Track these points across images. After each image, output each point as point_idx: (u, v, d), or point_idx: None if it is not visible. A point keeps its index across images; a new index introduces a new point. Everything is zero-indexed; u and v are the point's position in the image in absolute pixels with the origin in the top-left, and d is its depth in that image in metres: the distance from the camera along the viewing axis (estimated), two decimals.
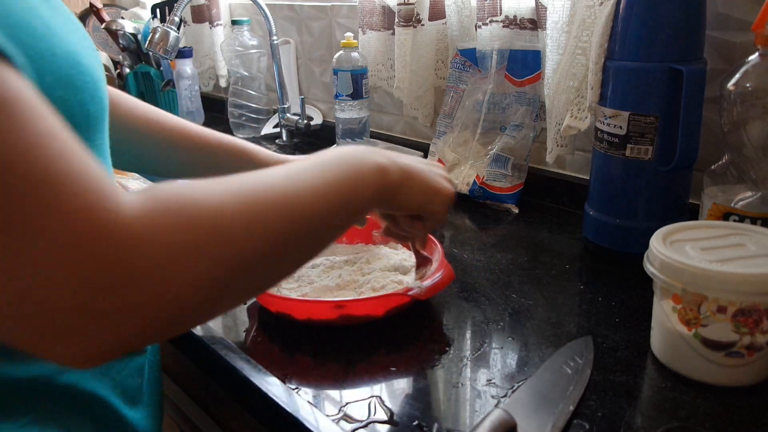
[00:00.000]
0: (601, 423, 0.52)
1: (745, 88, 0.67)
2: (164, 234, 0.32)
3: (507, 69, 1.04)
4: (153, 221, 0.32)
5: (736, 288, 0.53)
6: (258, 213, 0.37)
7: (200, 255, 0.33)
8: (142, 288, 0.31)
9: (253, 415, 0.62)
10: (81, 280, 0.29)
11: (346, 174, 0.46)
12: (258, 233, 0.37)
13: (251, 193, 0.38)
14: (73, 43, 0.42)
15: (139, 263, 0.31)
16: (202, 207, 0.34)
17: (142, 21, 1.78)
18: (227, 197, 0.36)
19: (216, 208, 0.35)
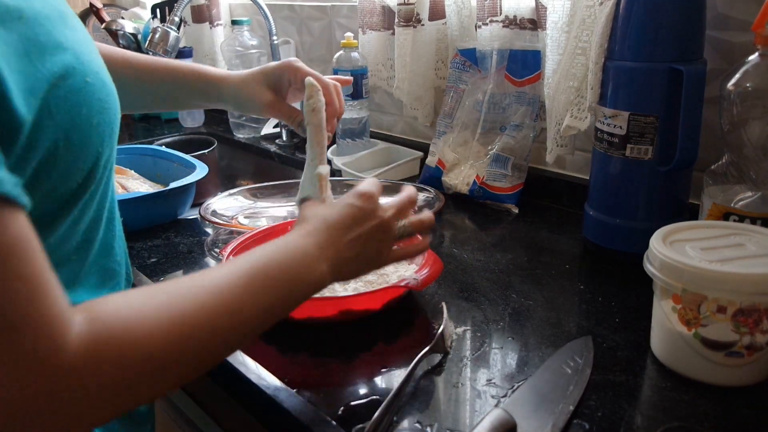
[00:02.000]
0: (600, 423, 0.52)
1: (745, 88, 0.67)
2: (97, 375, 0.36)
3: (507, 69, 1.04)
4: (88, 363, 0.35)
5: (736, 288, 0.53)
6: (188, 345, 0.40)
7: (129, 391, 0.38)
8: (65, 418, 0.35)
9: (253, 415, 0.62)
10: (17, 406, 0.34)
11: (284, 291, 0.48)
12: (187, 361, 0.41)
13: (183, 321, 0.40)
14: (96, 63, 0.45)
15: (69, 396, 0.35)
16: (137, 348, 0.37)
17: (142, 21, 1.78)
18: (159, 330, 0.39)
19: (148, 349, 0.38)
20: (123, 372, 0.37)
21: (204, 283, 0.43)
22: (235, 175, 1.39)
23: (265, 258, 0.48)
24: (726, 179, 0.71)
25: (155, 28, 1.26)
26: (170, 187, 0.97)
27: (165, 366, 0.39)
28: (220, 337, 0.42)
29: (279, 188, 1.08)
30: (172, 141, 1.54)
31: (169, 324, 0.39)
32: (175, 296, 0.41)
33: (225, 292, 0.43)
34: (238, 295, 0.44)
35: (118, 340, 0.37)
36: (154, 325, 0.38)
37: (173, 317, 0.40)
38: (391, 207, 0.57)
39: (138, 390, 0.38)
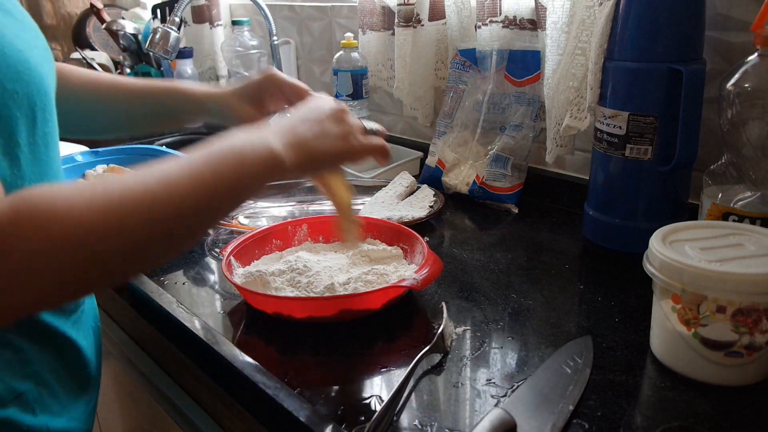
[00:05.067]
0: (600, 422, 0.52)
1: (744, 88, 0.67)
2: (21, 243, 0.36)
3: (507, 69, 1.04)
4: (12, 230, 0.36)
5: (736, 288, 0.53)
6: (114, 216, 0.40)
7: (52, 262, 0.37)
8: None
9: (253, 415, 0.62)
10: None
11: (230, 169, 0.46)
12: (117, 239, 0.40)
13: (112, 198, 0.40)
14: (22, 43, 0.48)
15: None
16: (61, 218, 0.37)
17: (142, 21, 1.78)
18: (85, 205, 0.39)
19: (73, 221, 0.38)
20: (46, 240, 0.36)
21: (143, 174, 0.43)
22: None
23: (209, 145, 0.47)
24: (725, 179, 0.71)
25: (156, 28, 1.26)
26: None
27: (91, 241, 0.38)
28: (157, 216, 0.42)
29: (279, 188, 1.08)
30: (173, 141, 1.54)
31: (95, 197, 0.39)
32: (112, 184, 0.41)
33: (159, 172, 0.43)
34: (174, 172, 0.43)
35: (41, 209, 0.37)
36: (79, 197, 0.39)
37: (99, 192, 0.40)
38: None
39: (63, 265, 0.37)
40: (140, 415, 0.95)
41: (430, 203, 0.99)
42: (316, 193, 1.08)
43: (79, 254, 0.38)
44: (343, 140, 0.57)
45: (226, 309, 0.73)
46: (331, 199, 0.65)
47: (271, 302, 0.68)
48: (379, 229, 0.84)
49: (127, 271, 0.44)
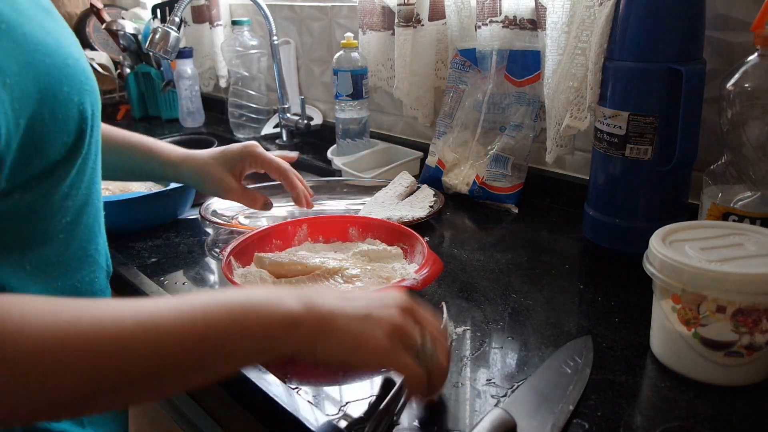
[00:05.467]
0: (600, 422, 0.52)
1: (744, 88, 0.67)
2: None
3: (507, 69, 1.04)
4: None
5: (736, 288, 0.53)
6: (75, 363, 0.35)
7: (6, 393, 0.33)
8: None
9: (253, 415, 0.62)
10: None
11: (225, 325, 0.39)
12: (66, 384, 0.35)
13: (85, 337, 0.35)
14: (77, 52, 0.47)
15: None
16: (24, 352, 0.34)
17: (142, 21, 1.78)
18: (50, 342, 0.35)
19: (34, 357, 0.34)
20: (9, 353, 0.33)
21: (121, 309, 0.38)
22: None
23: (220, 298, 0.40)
24: (725, 179, 0.71)
25: (155, 28, 1.26)
26: (170, 187, 0.97)
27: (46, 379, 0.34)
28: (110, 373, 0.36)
29: (279, 188, 1.08)
30: (173, 141, 1.54)
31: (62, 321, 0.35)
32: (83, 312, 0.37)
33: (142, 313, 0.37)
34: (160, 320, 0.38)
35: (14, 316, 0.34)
36: (49, 315, 0.35)
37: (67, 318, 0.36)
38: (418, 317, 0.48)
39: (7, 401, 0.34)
40: (140, 415, 0.95)
41: (430, 203, 0.99)
42: (316, 193, 1.08)
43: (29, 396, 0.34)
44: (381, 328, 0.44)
45: None
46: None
47: None
48: (379, 229, 0.84)
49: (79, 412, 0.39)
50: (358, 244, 0.83)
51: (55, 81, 0.43)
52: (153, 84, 1.72)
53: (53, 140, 0.44)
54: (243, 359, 0.42)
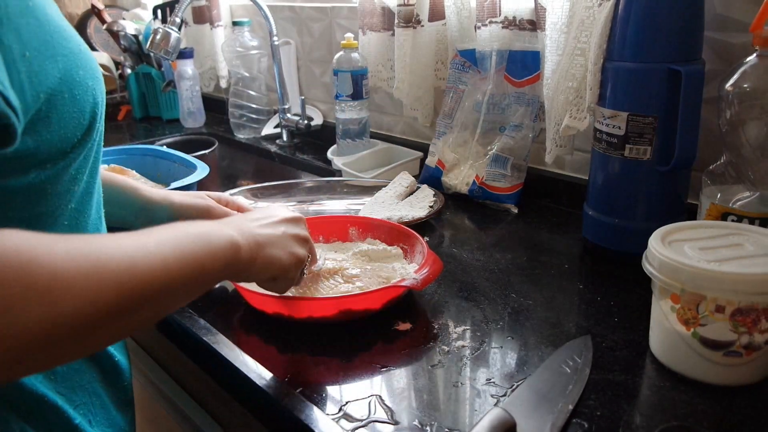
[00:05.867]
0: (600, 422, 0.52)
1: (743, 88, 0.67)
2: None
3: (506, 70, 1.04)
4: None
5: (735, 287, 0.53)
6: (93, 281, 0.37)
7: (20, 313, 0.34)
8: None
9: (253, 415, 0.62)
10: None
11: (196, 248, 0.46)
12: (88, 300, 0.37)
13: (96, 259, 0.38)
14: (83, 43, 0.49)
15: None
16: (42, 267, 0.35)
17: (143, 22, 1.78)
18: (68, 261, 0.36)
19: (54, 271, 0.35)
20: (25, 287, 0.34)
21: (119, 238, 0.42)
22: (235, 175, 1.39)
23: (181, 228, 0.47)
24: (724, 179, 0.71)
25: (156, 29, 1.26)
26: (171, 187, 0.98)
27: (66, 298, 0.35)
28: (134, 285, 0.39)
29: (279, 188, 1.08)
30: (173, 141, 1.55)
31: (76, 251, 0.37)
32: (91, 239, 0.40)
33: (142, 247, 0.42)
34: (151, 244, 0.42)
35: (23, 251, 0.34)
36: (60, 249, 0.36)
37: (87, 254, 0.38)
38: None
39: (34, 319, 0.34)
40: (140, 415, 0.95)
41: (430, 203, 0.99)
42: (316, 193, 1.08)
43: (53, 310, 0.35)
44: (295, 243, 0.61)
45: (226, 309, 0.73)
46: None
47: (271, 302, 0.68)
48: (379, 229, 0.84)
49: (90, 345, 0.40)
50: (358, 244, 0.83)
51: (73, 64, 0.45)
52: (154, 84, 1.72)
53: (72, 120, 0.45)
54: (211, 281, 0.50)
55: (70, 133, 0.45)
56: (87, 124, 0.47)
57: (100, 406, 0.54)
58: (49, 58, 0.42)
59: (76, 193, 0.50)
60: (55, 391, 0.50)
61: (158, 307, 0.43)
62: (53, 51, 0.43)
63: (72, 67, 0.45)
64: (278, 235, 0.59)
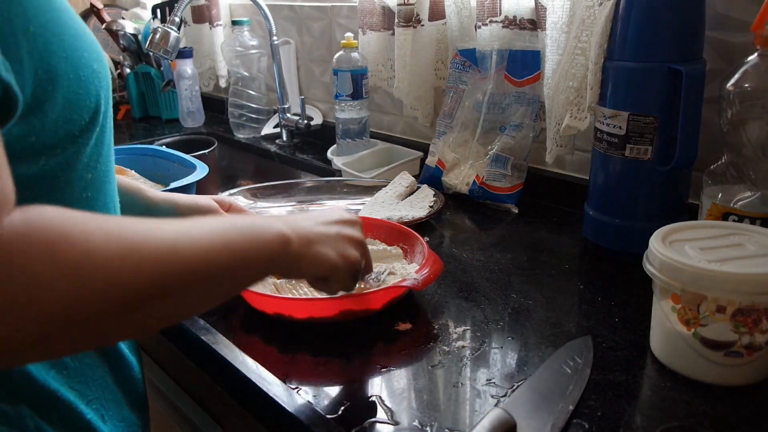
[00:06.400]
0: (600, 422, 0.52)
1: (744, 88, 0.67)
2: (18, 258, 0.32)
3: (507, 69, 1.04)
4: (15, 244, 0.32)
5: (735, 288, 0.53)
6: (130, 261, 0.36)
7: (45, 289, 0.33)
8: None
9: (253, 415, 0.62)
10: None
11: (244, 237, 0.46)
12: (123, 281, 0.36)
13: (134, 240, 0.37)
14: (88, 28, 0.49)
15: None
16: (75, 245, 0.34)
17: (142, 21, 1.78)
18: (105, 241, 0.36)
19: (87, 250, 0.35)
20: (53, 264, 0.33)
21: (163, 222, 0.41)
22: (235, 175, 1.39)
23: (229, 219, 0.48)
24: (725, 179, 0.71)
25: (155, 28, 1.26)
26: (170, 187, 0.97)
27: (97, 278, 0.35)
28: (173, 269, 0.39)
29: (279, 188, 1.08)
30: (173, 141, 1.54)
31: (112, 232, 0.36)
32: (132, 220, 0.39)
33: (187, 232, 0.41)
34: (194, 229, 0.42)
35: (56, 227, 0.34)
36: (96, 228, 0.36)
37: (125, 234, 0.37)
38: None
39: (62, 297, 0.33)
40: None
41: (430, 203, 0.99)
42: (316, 193, 1.08)
43: (82, 290, 0.34)
44: (348, 245, 0.58)
45: (226, 309, 0.73)
46: None
47: (271, 302, 0.68)
48: (379, 229, 0.84)
49: (123, 331, 0.40)
50: None
51: (78, 45, 0.45)
52: (153, 84, 1.72)
53: (79, 102, 0.45)
54: (257, 274, 0.49)
55: (76, 115, 0.45)
56: (94, 107, 0.47)
57: (113, 401, 0.54)
58: (55, 36, 0.42)
59: (90, 182, 0.50)
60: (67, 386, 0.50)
61: (199, 296, 0.42)
62: (59, 30, 0.43)
63: (78, 47, 0.45)
64: (331, 234, 0.57)
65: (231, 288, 0.46)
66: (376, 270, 0.71)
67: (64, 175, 0.46)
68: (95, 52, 0.48)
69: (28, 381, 0.47)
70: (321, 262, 0.55)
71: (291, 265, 0.52)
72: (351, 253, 0.58)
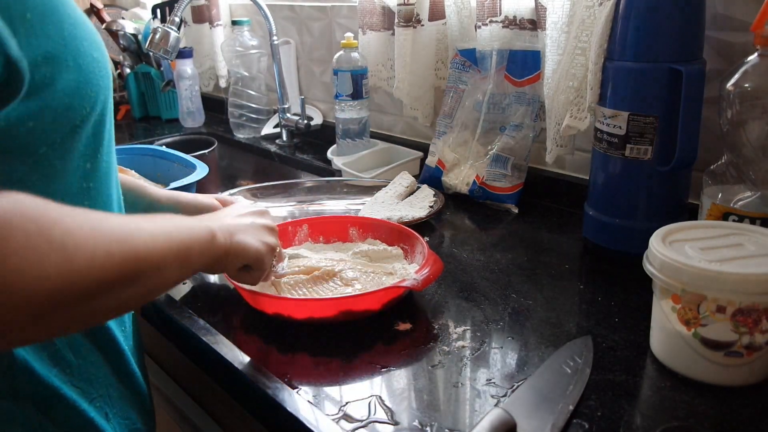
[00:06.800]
0: (600, 422, 0.52)
1: (744, 88, 0.67)
2: (16, 234, 0.33)
3: (507, 69, 1.04)
4: (8, 221, 0.33)
5: (735, 288, 0.53)
6: (102, 244, 0.39)
7: (41, 265, 0.34)
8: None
9: (253, 415, 0.62)
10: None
11: (182, 231, 0.49)
12: (99, 262, 0.38)
13: (101, 225, 0.40)
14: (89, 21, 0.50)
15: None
16: (56, 224, 0.36)
17: (142, 21, 1.78)
18: (78, 222, 0.38)
19: (67, 229, 0.37)
20: (44, 239, 0.34)
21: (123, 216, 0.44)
22: (235, 175, 1.39)
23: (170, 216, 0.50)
24: (725, 179, 0.71)
25: (155, 28, 1.26)
26: (170, 187, 0.97)
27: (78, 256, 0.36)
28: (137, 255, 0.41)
29: (279, 188, 1.08)
30: (173, 141, 1.54)
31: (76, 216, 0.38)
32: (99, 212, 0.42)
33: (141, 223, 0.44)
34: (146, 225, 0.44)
35: (40, 208, 0.36)
36: (71, 210, 0.38)
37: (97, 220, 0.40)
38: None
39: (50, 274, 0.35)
40: None
41: (430, 203, 0.99)
42: (316, 193, 1.08)
43: (70, 267, 0.36)
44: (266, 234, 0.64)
45: (226, 309, 0.73)
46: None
47: (271, 303, 0.68)
48: (379, 229, 0.84)
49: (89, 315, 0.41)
50: (359, 244, 0.83)
51: (78, 34, 0.46)
52: (153, 84, 1.72)
53: (79, 90, 0.45)
54: (194, 265, 0.52)
55: (77, 104, 0.46)
56: (94, 96, 0.47)
57: (118, 397, 0.54)
58: (53, 24, 0.43)
59: (90, 172, 0.50)
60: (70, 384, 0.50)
61: (151, 282, 0.44)
62: (58, 18, 0.43)
63: (77, 36, 0.45)
64: (247, 223, 0.62)
65: (176, 275, 0.48)
66: (286, 260, 0.74)
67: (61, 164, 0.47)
68: (95, 42, 0.48)
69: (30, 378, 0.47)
70: (245, 251, 0.59)
71: (221, 257, 0.56)
72: (269, 239, 0.64)
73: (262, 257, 0.62)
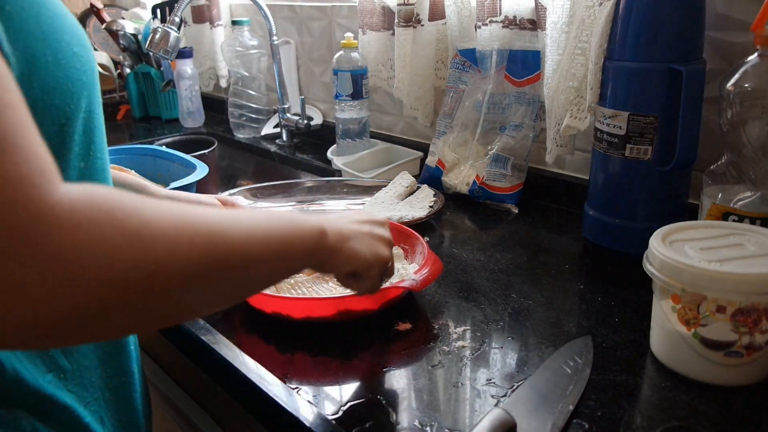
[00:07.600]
0: (600, 422, 0.52)
1: (744, 88, 0.67)
2: (86, 224, 0.32)
3: (507, 69, 1.04)
4: (79, 210, 0.32)
5: (735, 288, 0.53)
6: (185, 235, 0.36)
7: (114, 256, 0.33)
8: (46, 269, 0.30)
9: (253, 415, 0.62)
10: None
11: (285, 227, 0.46)
12: (180, 254, 0.36)
13: (184, 215, 0.37)
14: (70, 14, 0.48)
15: (51, 243, 0.30)
16: (131, 214, 0.34)
17: (142, 21, 1.78)
18: (159, 212, 0.36)
19: (145, 219, 0.34)
20: (118, 230, 0.33)
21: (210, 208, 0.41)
22: (235, 175, 1.39)
23: (268, 211, 0.49)
24: (725, 179, 0.71)
25: (155, 28, 1.26)
26: (170, 187, 0.97)
27: (157, 247, 0.34)
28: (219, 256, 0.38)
29: (279, 188, 1.08)
30: (173, 141, 1.54)
31: (173, 216, 0.36)
32: (181, 204, 0.39)
33: (233, 218, 0.41)
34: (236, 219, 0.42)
35: (116, 199, 0.34)
36: (147, 201, 0.36)
37: (179, 212, 0.37)
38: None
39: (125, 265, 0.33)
40: None
41: (430, 203, 0.99)
42: (316, 193, 1.08)
43: (145, 258, 0.34)
44: (380, 244, 0.60)
45: (225, 309, 0.73)
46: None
47: (270, 302, 0.68)
48: None
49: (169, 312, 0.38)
50: None
51: (58, 27, 0.44)
52: (153, 84, 1.72)
53: (59, 87, 0.44)
54: (296, 265, 0.50)
55: (58, 101, 0.44)
56: (77, 93, 0.46)
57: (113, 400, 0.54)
58: (33, 17, 0.41)
59: (84, 171, 0.49)
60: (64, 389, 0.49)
61: (239, 281, 0.42)
62: (37, 10, 0.42)
63: (57, 29, 0.44)
64: (363, 231, 0.59)
65: (271, 275, 0.46)
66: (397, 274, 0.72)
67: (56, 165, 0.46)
68: (77, 36, 0.46)
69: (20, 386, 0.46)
70: (355, 258, 0.56)
71: (326, 259, 0.53)
72: (383, 251, 0.60)
73: (370, 267, 0.58)
